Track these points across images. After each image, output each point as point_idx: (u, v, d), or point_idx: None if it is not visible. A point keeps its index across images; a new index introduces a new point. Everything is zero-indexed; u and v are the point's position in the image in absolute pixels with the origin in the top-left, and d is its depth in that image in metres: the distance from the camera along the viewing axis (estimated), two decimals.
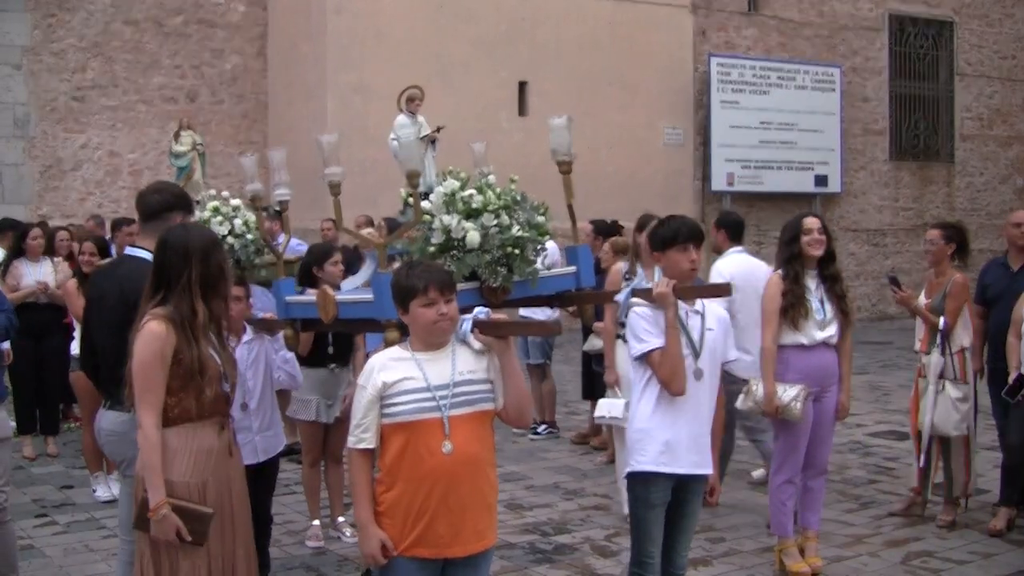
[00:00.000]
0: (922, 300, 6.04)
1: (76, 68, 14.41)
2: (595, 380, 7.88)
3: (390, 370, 3.11)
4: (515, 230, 3.62)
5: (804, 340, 5.07)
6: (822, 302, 5.09)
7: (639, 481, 3.91)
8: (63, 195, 14.28)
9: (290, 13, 14.99)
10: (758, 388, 5.13)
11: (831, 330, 5.10)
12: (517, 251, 3.61)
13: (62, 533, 6.01)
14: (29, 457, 7.74)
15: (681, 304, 3.85)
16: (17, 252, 7.91)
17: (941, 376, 5.86)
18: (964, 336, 5.92)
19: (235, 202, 4.84)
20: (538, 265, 3.77)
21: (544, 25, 15.19)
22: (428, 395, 3.07)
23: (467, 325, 3.18)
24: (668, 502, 3.91)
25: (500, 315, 3.35)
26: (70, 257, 7.72)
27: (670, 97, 16.40)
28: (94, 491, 6.71)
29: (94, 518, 6.27)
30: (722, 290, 4.17)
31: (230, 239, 4.65)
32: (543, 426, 8.51)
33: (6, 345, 6.18)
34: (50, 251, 7.99)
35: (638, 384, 3.95)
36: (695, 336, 3.90)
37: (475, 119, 13.08)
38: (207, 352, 3.30)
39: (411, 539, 3.08)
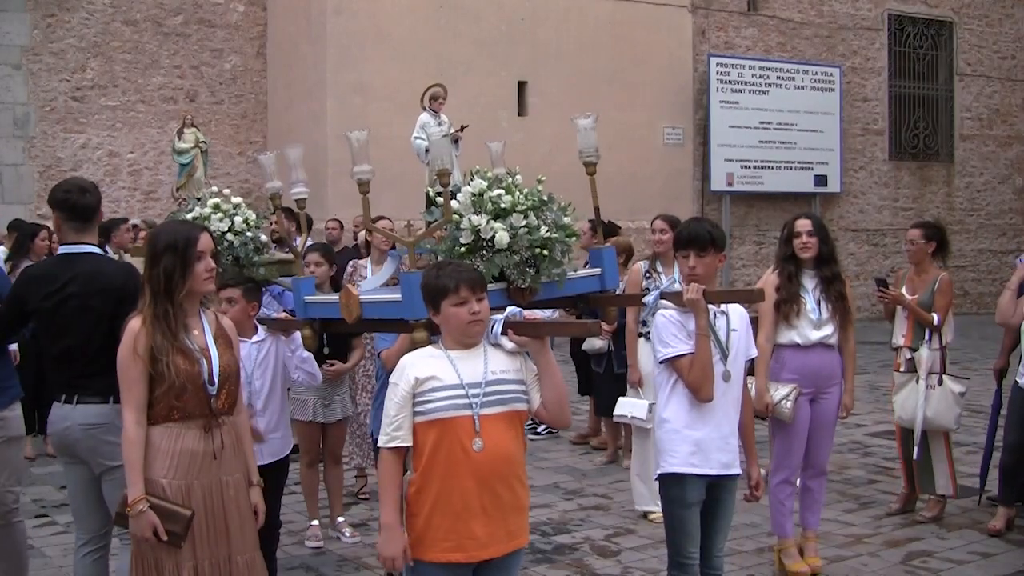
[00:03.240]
0: (907, 297, 6.14)
1: (76, 68, 14.41)
2: (592, 378, 7.89)
3: (423, 367, 3.08)
4: (543, 231, 3.61)
5: (798, 340, 5.09)
6: (819, 303, 5.10)
7: (673, 481, 3.88)
8: None
9: (290, 13, 14.98)
10: (751, 386, 5.15)
11: (827, 330, 5.10)
12: (545, 252, 3.60)
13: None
14: (29, 457, 7.73)
15: (709, 305, 3.83)
16: (25, 252, 7.93)
17: (933, 372, 5.95)
18: (948, 332, 6.05)
19: (236, 200, 4.83)
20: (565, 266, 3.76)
21: (544, 25, 15.20)
22: (461, 392, 3.04)
23: (498, 327, 3.14)
24: (703, 500, 3.90)
25: (535, 314, 3.33)
26: None
27: (670, 97, 16.41)
28: None
29: None
30: (754, 295, 4.13)
31: (230, 236, 4.63)
32: (543, 426, 8.51)
33: (14, 346, 6.16)
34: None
35: (665, 386, 3.92)
36: (723, 338, 3.89)
37: (475, 119, 13.06)
38: (181, 351, 3.31)
39: (446, 544, 3.03)
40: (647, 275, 6.26)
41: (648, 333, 6.25)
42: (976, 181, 20.00)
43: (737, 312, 4.00)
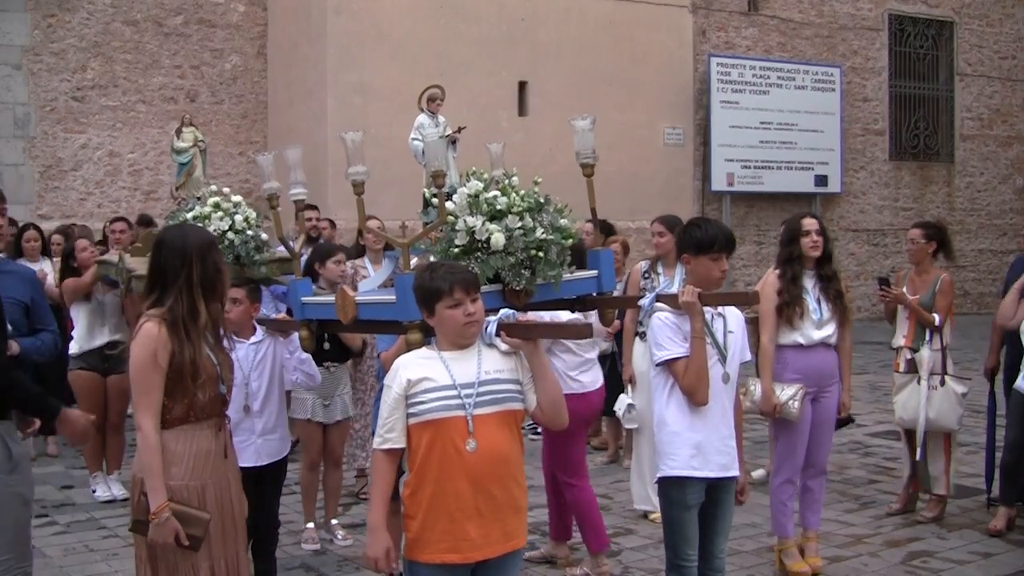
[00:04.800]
0: (908, 297, 6.12)
1: (76, 68, 14.40)
2: None
3: (416, 368, 3.08)
4: (539, 232, 3.59)
5: (801, 340, 5.09)
6: (819, 302, 5.11)
7: (673, 484, 3.88)
8: (63, 195, 14.27)
9: (290, 13, 14.98)
10: (756, 388, 5.14)
11: (828, 330, 5.11)
12: (541, 254, 3.59)
13: (62, 533, 6.00)
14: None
15: (705, 308, 3.83)
16: (17, 253, 7.95)
17: (934, 372, 5.94)
18: (948, 333, 6.05)
19: (236, 198, 4.82)
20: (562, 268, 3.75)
21: (544, 25, 15.19)
22: (453, 392, 3.03)
23: (492, 328, 3.14)
24: (702, 503, 3.90)
25: (528, 316, 3.32)
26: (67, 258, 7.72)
27: (670, 97, 16.40)
28: (93, 491, 6.71)
29: (94, 518, 6.27)
30: (749, 298, 4.14)
31: (230, 235, 4.63)
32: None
33: (16, 346, 6.15)
34: (46, 252, 8.04)
35: (662, 389, 3.91)
36: (720, 340, 3.89)
37: (475, 119, 13.07)
38: (203, 354, 3.27)
39: (441, 545, 3.02)
40: (645, 275, 6.26)
41: (644, 332, 6.27)
42: (976, 181, 19.99)
43: (734, 315, 4.01)
